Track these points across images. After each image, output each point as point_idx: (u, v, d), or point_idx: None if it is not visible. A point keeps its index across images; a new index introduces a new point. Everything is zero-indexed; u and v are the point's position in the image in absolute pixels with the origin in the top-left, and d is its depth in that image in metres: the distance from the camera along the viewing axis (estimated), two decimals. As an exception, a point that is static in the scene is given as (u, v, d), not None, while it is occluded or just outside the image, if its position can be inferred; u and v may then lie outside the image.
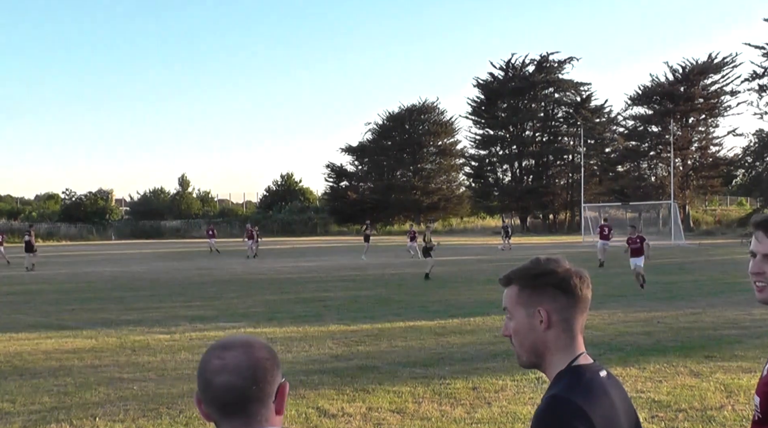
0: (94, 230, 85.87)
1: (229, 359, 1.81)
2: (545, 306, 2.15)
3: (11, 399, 9.27)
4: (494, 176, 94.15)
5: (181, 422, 8.12)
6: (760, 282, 2.43)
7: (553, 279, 2.16)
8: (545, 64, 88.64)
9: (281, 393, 1.87)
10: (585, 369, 2.13)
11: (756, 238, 2.46)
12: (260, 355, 1.83)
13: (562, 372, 2.12)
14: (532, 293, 2.17)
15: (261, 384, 1.81)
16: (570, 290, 2.16)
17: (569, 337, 2.16)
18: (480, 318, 15.79)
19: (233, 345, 1.84)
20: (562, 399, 2.01)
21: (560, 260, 2.22)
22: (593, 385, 2.08)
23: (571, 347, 2.16)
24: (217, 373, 1.80)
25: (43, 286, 26.07)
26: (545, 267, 2.19)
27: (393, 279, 26.44)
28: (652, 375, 9.95)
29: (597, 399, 2.04)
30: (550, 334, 2.16)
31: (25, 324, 16.23)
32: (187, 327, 15.30)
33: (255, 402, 1.80)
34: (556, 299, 2.16)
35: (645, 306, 17.12)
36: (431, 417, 8.11)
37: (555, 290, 2.16)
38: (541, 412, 2.02)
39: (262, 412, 1.82)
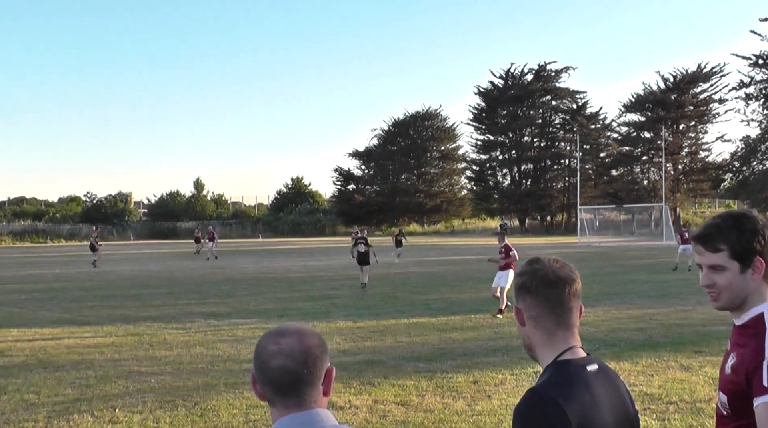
0: (113, 231, 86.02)
1: (284, 344, 1.89)
2: (519, 305, 2.22)
3: (36, 391, 9.30)
4: (494, 180, 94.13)
5: (196, 413, 8.13)
6: (712, 292, 2.48)
7: (519, 281, 2.23)
8: (543, 73, 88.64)
9: (329, 376, 1.96)
10: (570, 363, 2.12)
11: (697, 252, 2.50)
12: (311, 342, 1.93)
13: (548, 366, 2.14)
14: (516, 292, 2.24)
15: (312, 368, 1.90)
16: (532, 289, 2.18)
17: (545, 334, 2.17)
18: (481, 315, 15.78)
19: (288, 331, 1.93)
20: (538, 392, 2.04)
21: (539, 260, 2.23)
22: (574, 380, 2.07)
23: (552, 343, 2.17)
24: (273, 357, 1.88)
25: (65, 284, 26.12)
26: (521, 270, 2.24)
27: (397, 278, 26.42)
28: (644, 369, 9.93)
29: (576, 393, 2.03)
30: (528, 331, 2.21)
31: (48, 320, 16.27)
32: (202, 323, 15.31)
33: (307, 385, 1.90)
34: (524, 299, 2.21)
35: (638, 304, 17.09)
36: (434, 410, 8.11)
37: (523, 290, 2.21)
38: (519, 405, 2.05)
39: (313, 394, 1.91)
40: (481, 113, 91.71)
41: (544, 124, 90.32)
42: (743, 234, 2.41)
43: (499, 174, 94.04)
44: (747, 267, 2.41)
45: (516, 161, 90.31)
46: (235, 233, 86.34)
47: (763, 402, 2.22)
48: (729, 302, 2.46)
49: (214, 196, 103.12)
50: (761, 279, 2.42)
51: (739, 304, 2.45)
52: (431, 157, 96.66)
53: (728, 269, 2.42)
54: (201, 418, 7.94)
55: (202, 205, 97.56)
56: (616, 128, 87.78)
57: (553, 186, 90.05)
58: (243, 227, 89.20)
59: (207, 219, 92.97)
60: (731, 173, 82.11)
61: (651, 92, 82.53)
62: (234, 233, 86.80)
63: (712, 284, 2.46)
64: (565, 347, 2.16)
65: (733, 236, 2.41)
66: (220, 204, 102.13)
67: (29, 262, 41.81)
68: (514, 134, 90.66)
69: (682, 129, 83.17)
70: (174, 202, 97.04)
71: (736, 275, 2.41)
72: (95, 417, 8.09)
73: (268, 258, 39.90)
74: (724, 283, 2.43)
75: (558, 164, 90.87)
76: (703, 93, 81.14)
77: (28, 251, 58.03)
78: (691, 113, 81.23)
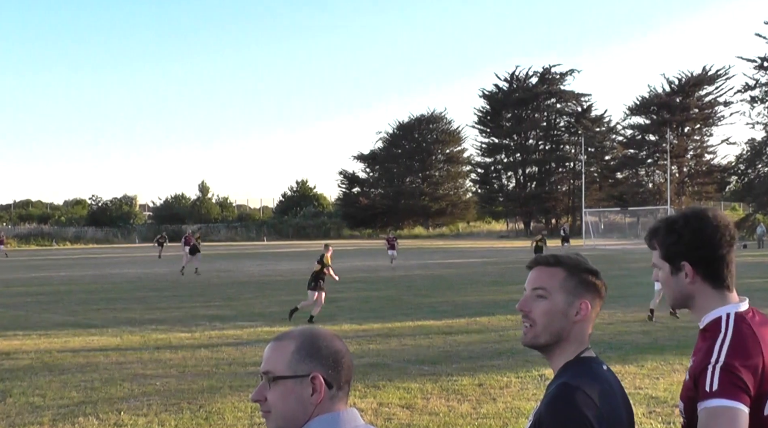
0: (119, 234, 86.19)
1: (343, 345, 1.92)
2: (588, 300, 2.16)
3: (42, 394, 9.30)
4: (499, 183, 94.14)
5: (201, 416, 8.12)
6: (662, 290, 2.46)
7: (598, 279, 2.20)
8: (548, 76, 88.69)
9: None
10: (591, 361, 2.14)
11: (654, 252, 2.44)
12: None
13: (571, 362, 2.12)
14: (579, 284, 2.17)
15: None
16: (603, 292, 2.21)
17: (587, 332, 2.19)
18: (486, 318, 15.76)
19: (332, 333, 1.95)
20: (572, 386, 2.00)
21: (582, 257, 2.26)
22: (600, 376, 2.09)
23: (585, 341, 2.18)
24: (346, 355, 1.90)
25: (70, 287, 26.15)
26: (593, 267, 2.22)
27: (402, 281, 26.40)
28: (649, 373, 9.91)
29: (603, 389, 2.04)
30: (579, 326, 2.16)
31: (54, 323, 16.28)
32: (207, 326, 15.31)
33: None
34: (594, 297, 2.18)
35: (643, 307, 17.00)
36: (439, 412, 8.09)
37: (596, 288, 2.19)
38: (552, 398, 2.01)
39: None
40: (485, 115, 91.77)
41: (549, 127, 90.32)
42: (670, 235, 2.35)
43: (503, 177, 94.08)
44: (678, 270, 2.33)
45: (521, 163, 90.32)
46: (240, 236, 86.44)
47: (704, 408, 2.13)
48: (671, 301, 2.43)
49: (219, 199, 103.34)
50: (702, 283, 2.32)
51: (686, 305, 2.39)
52: (436, 160, 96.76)
53: (663, 269, 2.39)
54: (206, 421, 7.93)
55: (207, 208, 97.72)
56: (621, 131, 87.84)
57: (558, 189, 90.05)
58: (248, 230, 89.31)
59: (212, 222, 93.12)
60: (736, 176, 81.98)
61: (656, 95, 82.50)
62: (239, 236, 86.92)
63: (657, 280, 2.44)
64: (587, 345, 2.18)
65: (664, 238, 2.36)
66: (225, 207, 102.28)
67: (35, 265, 41.87)
68: (518, 137, 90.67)
69: (687, 132, 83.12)
70: (179, 205, 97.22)
71: (668, 275, 2.37)
72: (100, 419, 8.08)
73: (273, 261, 39.92)
74: (662, 281, 2.41)
75: (563, 166, 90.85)
76: (708, 96, 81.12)
77: (34, 254, 58.14)
78: (696, 115, 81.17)
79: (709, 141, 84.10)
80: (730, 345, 2.21)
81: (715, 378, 2.13)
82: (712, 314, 2.32)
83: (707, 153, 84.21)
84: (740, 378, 2.13)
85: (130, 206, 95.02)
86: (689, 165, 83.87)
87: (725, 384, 2.11)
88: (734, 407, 2.09)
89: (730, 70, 79.31)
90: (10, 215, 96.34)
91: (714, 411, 2.10)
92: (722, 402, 2.09)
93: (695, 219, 2.33)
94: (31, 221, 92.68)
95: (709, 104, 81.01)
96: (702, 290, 2.33)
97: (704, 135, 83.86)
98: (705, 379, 2.15)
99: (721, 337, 2.23)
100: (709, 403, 2.10)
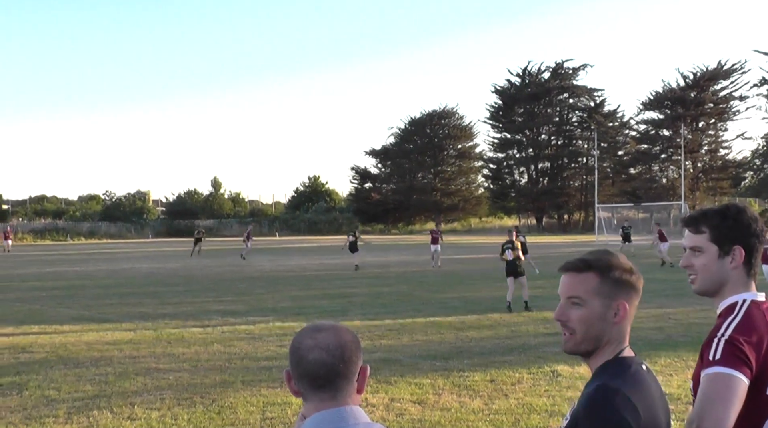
0: (132, 229, 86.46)
1: (321, 339, 1.93)
2: (624, 300, 2.15)
3: (57, 387, 9.38)
4: (511, 178, 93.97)
5: (214, 410, 8.16)
6: (690, 274, 2.54)
7: (631, 276, 2.18)
8: (560, 71, 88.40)
9: (363, 374, 1.99)
10: (630, 361, 2.13)
11: (685, 235, 2.57)
12: (346, 338, 1.96)
13: (609, 362, 2.12)
14: (614, 286, 2.14)
15: (347, 362, 1.93)
16: (639, 287, 2.20)
17: (626, 331, 2.17)
18: (497, 314, 15.76)
19: (323, 327, 1.97)
20: (611, 388, 2.00)
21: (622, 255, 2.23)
22: (638, 377, 2.08)
23: (624, 340, 2.17)
24: (310, 350, 1.91)
25: (85, 281, 26.29)
26: (626, 263, 2.19)
27: (414, 276, 26.41)
28: (663, 369, 9.87)
29: (641, 390, 2.03)
30: (619, 327, 2.15)
31: (68, 317, 16.39)
32: (219, 321, 15.37)
33: (342, 379, 1.92)
34: (631, 294, 2.17)
35: (656, 303, 16.98)
36: (450, 408, 8.11)
37: (632, 286, 2.17)
38: (591, 399, 2.01)
39: (348, 389, 1.94)
40: (497, 111, 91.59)
41: (562, 122, 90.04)
42: (725, 220, 2.46)
43: (516, 172, 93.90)
44: (726, 254, 2.45)
45: (533, 159, 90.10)
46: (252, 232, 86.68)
47: (705, 374, 2.24)
48: (704, 286, 2.51)
49: (232, 194, 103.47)
50: (741, 269, 2.45)
51: (716, 290, 2.49)
52: (448, 155, 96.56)
53: (706, 252, 2.47)
54: (218, 415, 7.98)
55: (219, 203, 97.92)
56: (635, 126, 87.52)
57: (570, 184, 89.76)
58: (260, 226, 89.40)
59: (224, 217, 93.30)
60: (752, 171, 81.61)
61: (670, 90, 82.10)
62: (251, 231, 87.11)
63: (690, 265, 2.52)
64: (626, 344, 2.17)
65: (716, 221, 2.47)
66: (238, 202, 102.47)
67: (50, 260, 42.11)
68: (531, 132, 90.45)
69: (702, 127, 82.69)
70: (192, 200, 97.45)
71: (713, 259, 2.46)
72: (114, 413, 8.15)
73: (284, 256, 39.98)
74: (700, 265, 2.49)
75: (575, 162, 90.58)
76: (724, 90, 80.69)
77: (49, 249, 58.45)
78: (711, 110, 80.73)
79: (724, 136, 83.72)
80: (738, 322, 2.34)
81: (718, 349, 2.26)
82: (730, 300, 2.45)
83: (722, 148, 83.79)
84: (742, 351, 2.24)
85: (143, 201, 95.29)
86: (704, 160, 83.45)
87: (726, 354, 2.24)
88: (733, 374, 2.20)
89: (746, 64, 78.95)
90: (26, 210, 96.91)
91: (713, 377, 2.22)
92: (722, 370, 2.22)
93: (747, 210, 2.50)
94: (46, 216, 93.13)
95: (725, 99, 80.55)
96: (737, 276, 2.46)
97: (719, 130, 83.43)
98: (709, 350, 2.29)
99: (732, 317, 2.37)
100: (710, 370, 2.23)
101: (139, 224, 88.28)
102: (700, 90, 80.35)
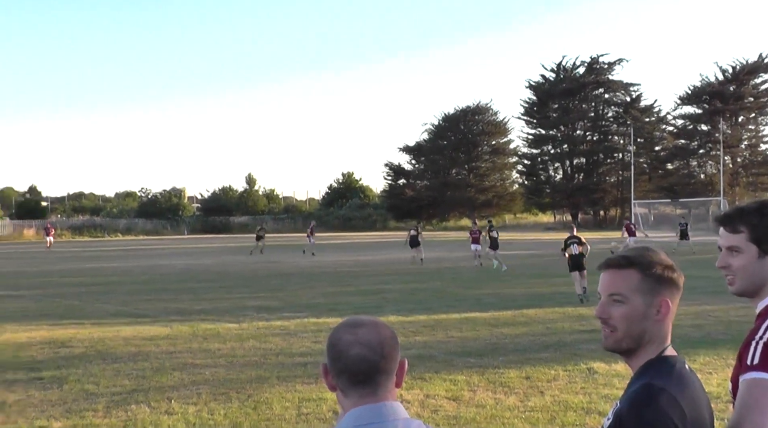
0: (168, 226, 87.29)
1: (361, 334, 1.93)
2: (666, 297, 2.12)
3: (96, 381, 9.51)
4: (546, 174, 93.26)
5: (249, 406, 8.22)
6: (728, 275, 2.43)
7: (673, 273, 2.15)
8: (595, 66, 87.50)
9: (401, 368, 1.99)
10: (674, 360, 2.10)
11: (720, 234, 2.45)
12: (386, 333, 1.97)
13: (652, 360, 2.09)
14: (656, 283, 2.12)
15: (387, 358, 1.93)
16: (680, 284, 2.17)
17: (668, 329, 2.15)
18: (532, 311, 15.67)
19: (362, 323, 1.98)
20: (657, 387, 1.98)
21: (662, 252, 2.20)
22: (682, 376, 2.05)
23: (667, 338, 2.15)
24: (350, 346, 1.91)
25: (122, 277, 26.63)
26: (667, 260, 2.16)
27: (448, 273, 26.37)
28: (701, 367, 9.72)
29: (686, 390, 2.01)
30: (661, 324, 2.12)
31: (106, 313, 16.62)
32: (254, 317, 15.48)
33: (382, 374, 1.92)
34: (673, 291, 2.15)
35: (695, 300, 16.72)
36: (486, 405, 8.08)
37: (674, 283, 2.15)
38: (635, 399, 1.99)
39: (387, 384, 1.94)
40: (532, 106, 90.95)
41: (597, 117, 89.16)
42: (765, 218, 2.35)
43: (550, 168, 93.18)
44: (766, 253, 2.35)
45: (568, 155, 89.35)
46: (286, 228, 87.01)
47: (743, 380, 2.16)
48: (743, 287, 2.40)
49: (266, 191, 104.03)
50: None
51: (756, 291, 2.39)
52: (482, 151, 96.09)
53: (745, 252, 2.36)
54: (254, 411, 8.03)
55: (253, 200, 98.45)
56: (672, 121, 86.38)
57: (606, 180, 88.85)
58: (294, 222, 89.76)
59: (259, 214, 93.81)
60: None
61: (708, 84, 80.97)
62: (285, 227, 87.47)
63: (728, 265, 2.41)
64: (669, 343, 2.15)
65: (755, 219, 2.36)
66: (272, 199, 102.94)
67: (87, 256, 42.71)
68: (565, 128, 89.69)
69: (741, 121, 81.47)
70: (226, 197, 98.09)
71: (752, 259, 2.35)
72: (152, 407, 8.24)
73: (318, 253, 40.11)
74: (739, 265, 2.38)
75: (611, 157, 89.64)
76: (765, 84, 79.36)
77: (87, 245, 59.28)
78: (751, 104, 79.50)
79: (765, 130, 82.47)
80: None
81: (757, 353, 2.18)
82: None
83: (762, 143, 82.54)
84: None
85: (178, 198, 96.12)
86: (743, 155, 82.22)
87: (765, 358, 2.15)
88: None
89: (788, 57, 77.53)
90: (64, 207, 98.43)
91: (751, 383, 2.14)
92: (760, 375, 2.13)
93: None
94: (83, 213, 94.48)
95: (765, 93, 79.24)
96: None
97: (759, 124, 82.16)
98: (748, 353, 2.20)
99: None
100: (749, 375, 2.15)
101: (174, 220, 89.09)
102: (740, 84, 79.09)
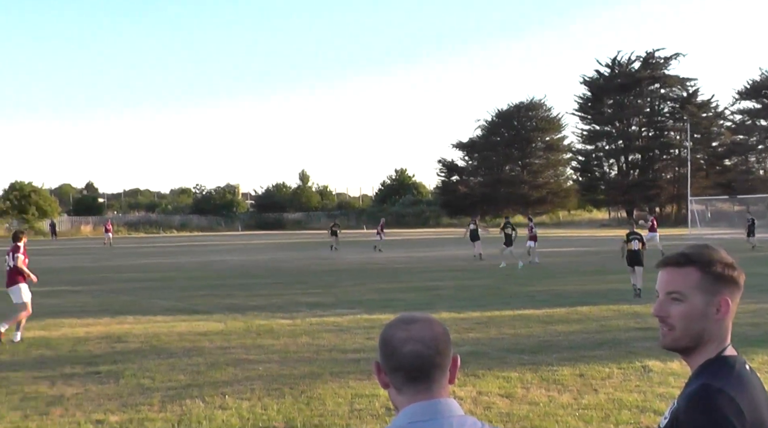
0: (222, 222, 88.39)
1: (414, 331, 1.92)
2: (726, 296, 2.07)
3: (151, 376, 9.67)
4: (600, 170, 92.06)
5: (302, 402, 8.26)
6: None
7: (735, 270, 2.09)
8: (651, 61, 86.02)
9: (454, 363, 1.98)
10: (734, 360, 2.04)
11: None
12: (438, 329, 1.96)
13: (711, 360, 2.04)
14: (716, 281, 2.06)
15: (441, 354, 1.92)
16: (741, 282, 2.11)
17: (728, 328, 2.09)
18: (586, 308, 15.48)
19: (415, 319, 1.97)
20: (715, 388, 1.92)
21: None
22: (742, 377, 1.99)
23: (726, 338, 2.09)
24: (404, 343, 1.90)
25: (176, 273, 27.03)
26: (727, 257, 2.10)
27: (501, 269, 26.18)
28: (760, 367, 9.47)
29: (746, 391, 1.95)
30: (720, 324, 2.07)
31: (161, 308, 16.88)
32: (307, 313, 15.55)
33: (437, 370, 1.91)
34: (734, 290, 2.09)
35: (754, 298, 16.32)
36: (539, 402, 8.01)
37: (734, 281, 2.09)
38: (693, 400, 1.94)
39: (442, 380, 1.93)
40: (586, 102, 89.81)
41: (652, 113, 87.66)
42: None
43: (605, 165, 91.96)
44: None
45: (623, 151, 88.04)
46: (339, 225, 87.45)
47: None
48: None
49: (319, 187, 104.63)
50: None
51: None
52: (536, 147, 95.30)
53: None
54: (307, 406, 8.07)
55: (307, 196, 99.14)
56: (730, 116, 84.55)
57: (662, 177, 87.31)
58: (347, 219, 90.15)
59: (312, 211, 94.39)
60: None
61: (768, 78, 79.04)
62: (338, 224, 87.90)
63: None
64: (729, 342, 2.09)
65: None
66: (325, 196, 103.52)
67: (143, 252, 43.47)
68: (620, 124, 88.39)
69: (802, 116, 79.36)
70: (280, 193, 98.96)
71: None
72: (206, 402, 8.34)
73: (371, 249, 40.19)
74: None
75: (667, 153, 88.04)
76: (826, 77, 77.19)
77: (142, 241, 60.36)
78: (813, 98, 77.37)
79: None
80: None
81: None
82: None
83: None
84: None
85: (232, 194, 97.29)
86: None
87: None
88: None
89: None
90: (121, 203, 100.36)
91: None
92: None
93: None
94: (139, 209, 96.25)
95: (827, 86, 77.16)
96: None
97: (821, 119, 79.97)
98: None
99: None
100: None
101: (228, 217, 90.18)
102: (801, 77, 77.18)
